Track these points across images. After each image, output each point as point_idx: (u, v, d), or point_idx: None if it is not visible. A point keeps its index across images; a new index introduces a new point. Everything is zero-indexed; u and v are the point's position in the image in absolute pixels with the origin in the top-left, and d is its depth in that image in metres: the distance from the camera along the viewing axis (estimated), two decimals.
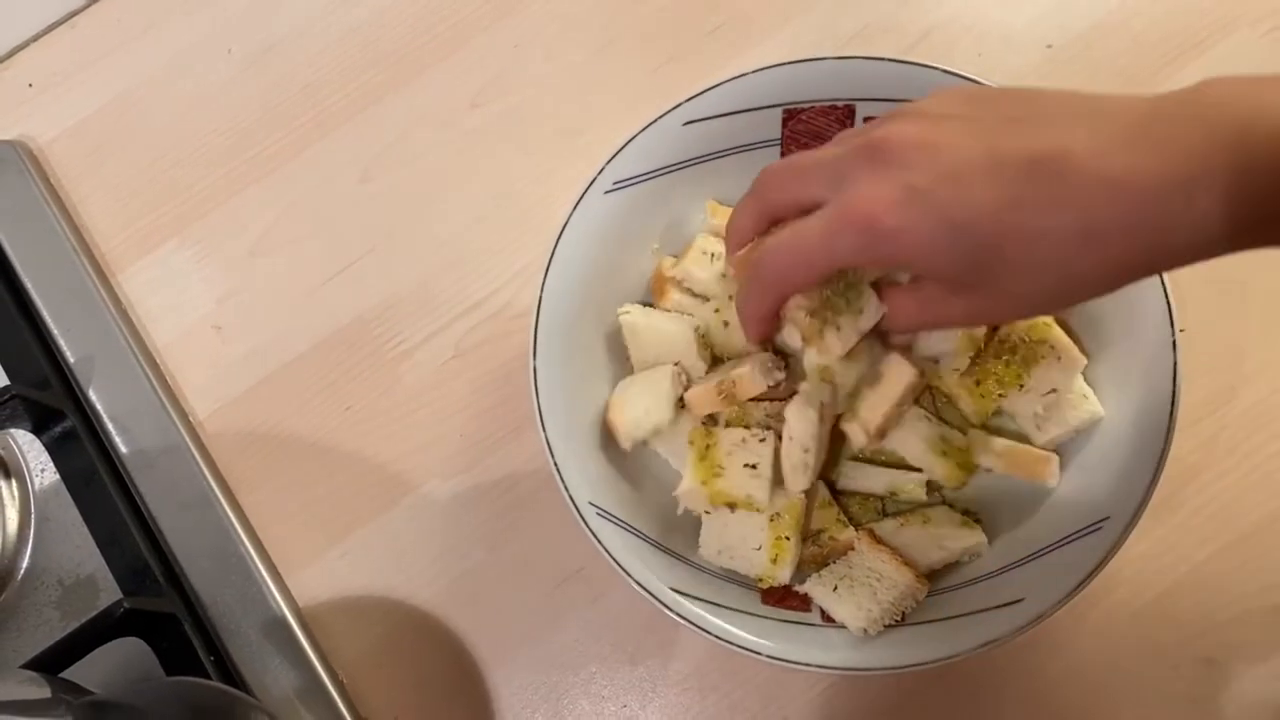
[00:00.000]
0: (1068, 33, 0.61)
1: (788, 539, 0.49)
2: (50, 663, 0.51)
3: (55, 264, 0.63)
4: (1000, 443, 0.51)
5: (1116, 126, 0.35)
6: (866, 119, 0.53)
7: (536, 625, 0.55)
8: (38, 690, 0.45)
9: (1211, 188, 0.33)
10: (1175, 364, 0.48)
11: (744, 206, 0.45)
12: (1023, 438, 0.51)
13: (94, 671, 0.53)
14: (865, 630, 0.48)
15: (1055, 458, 0.50)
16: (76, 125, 0.67)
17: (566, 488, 0.50)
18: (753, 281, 0.43)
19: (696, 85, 0.54)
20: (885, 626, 0.48)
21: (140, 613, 0.53)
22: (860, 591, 0.49)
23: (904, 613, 0.49)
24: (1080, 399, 0.50)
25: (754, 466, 0.49)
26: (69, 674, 0.51)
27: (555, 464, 0.50)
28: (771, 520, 0.50)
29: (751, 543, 0.50)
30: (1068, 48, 0.60)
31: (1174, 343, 0.49)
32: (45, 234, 0.64)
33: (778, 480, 0.50)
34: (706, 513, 0.51)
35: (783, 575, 0.50)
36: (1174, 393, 0.48)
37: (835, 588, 0.49)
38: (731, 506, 0.50)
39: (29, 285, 0.63)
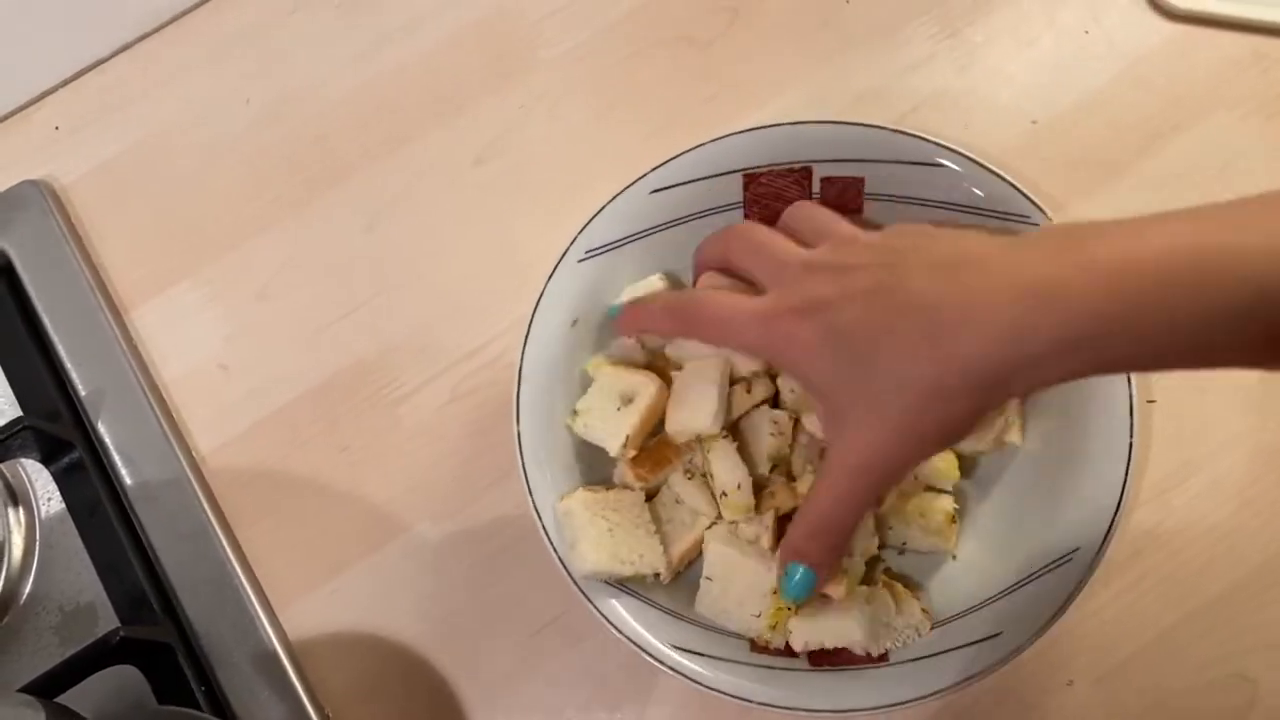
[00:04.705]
0: (1052, 109, 0.63)
1: (789, 609, 0.51)
2: (47, 687, 0.53)
3: (71, 299, 0.65)
4: None
5: (982, 251, 0.40)
6: (823, 179, 0.56)
7: (518, 668, 0.57)
8: (32, 714, 0.47)
9: (1061, 303, 0.37)
10: (1131, 396, 0.50)
11: (715, 240, 0.52)
12: None
13: (89, 697, 0.55)
14: (867, 650, 0.50)
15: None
16: (99, 167, 0.69)
17: (554, 547, 0.52)
18: (668, 309, 0.51)
19: (686, 148, 0.56)
20: (887, 649, 0.51)
21: (136, 641, 0.55)
22: (868, 616, 0.50)
23: (905, 642, 0.51)
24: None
25: None
26: (64, 699, 0.53)
27: (542, 525, 0.52)
28: (775, 591, 0.51)
29: (750, 609, 0.51)
30: (1052, 124, 0.62)
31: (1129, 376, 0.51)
32: (63, 270, 0.66)
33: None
34: (708, 579, 0.52)
35: (778, 641, 0.51)
36: (1132, 423, 0.50)
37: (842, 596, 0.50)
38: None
39: (45, 319, 0.65)
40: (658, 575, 0.52)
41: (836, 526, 0.44)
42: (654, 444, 0.54)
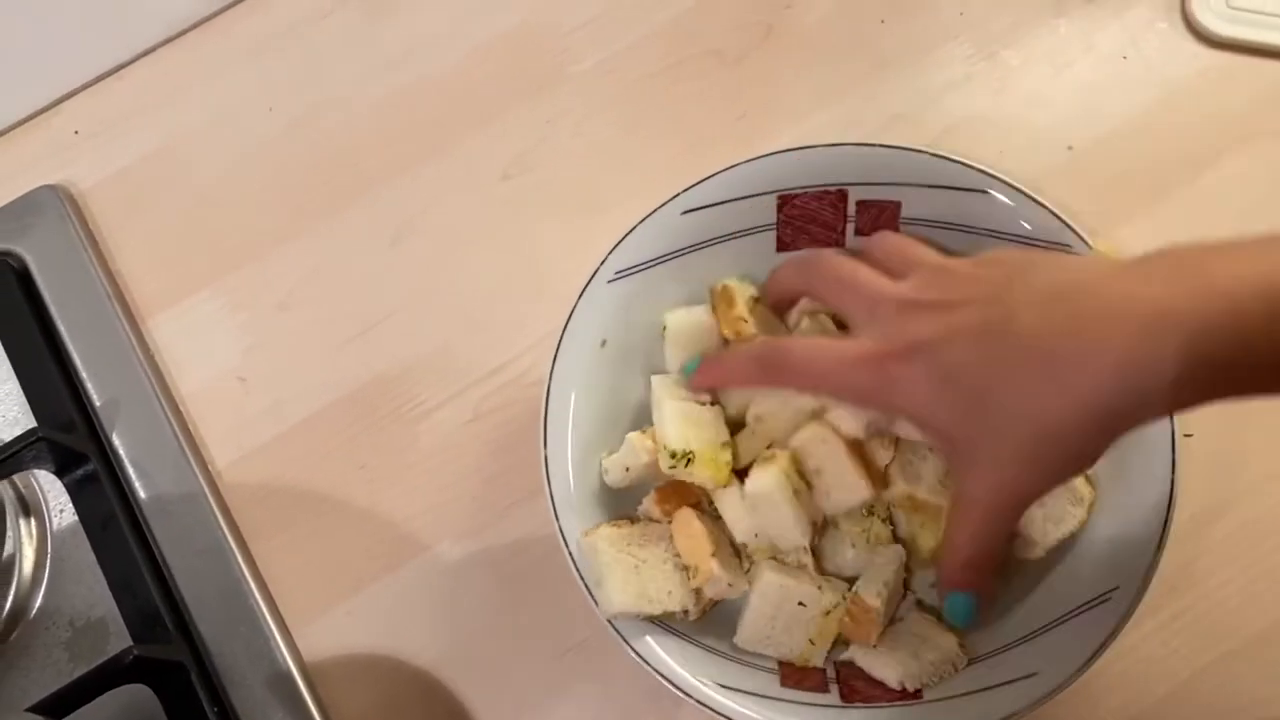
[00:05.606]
0: (1089, 136, 0.62)
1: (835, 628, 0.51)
2: (56, 707, 0.52)
3: (88, 307, 0.64)
4: None
5: (1091, 279, 0.39)
6: (859, 203, 0.55)
7: (538, 694, 0.56)
8: None
9: (1179, 332, 0.36)
10: (1173, 430, 0.49)
11: (793, 270, 0.51)
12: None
13: (98, 715, 0.53)
14: (903, 684, 0.49)
15: None
16: (118, 173, 0.68)
17: (580, 574, 0.50)
18: (755, 359, 0.48)
19: (719, 167, 0.55)
20: (922, 685, 0.50)
21: (148, 660, 0.54)
22: (902, 651, 0.50)
23: (941, 677, 0.50)
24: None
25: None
26: (73, 718, 0.52)
27: (569, 551, 0.51)
28: (825, 614, 0.51)
29: (799, 633, 0.51)
30: (1089, 151, 0.62)
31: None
32: (80, 277, 0.65)
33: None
34: (757, 608, 0.51)
35: (818, 659, 0.51)
36: (1173, 459, 0.49)
37: (874, 644, 0.50)
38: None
39: (61, 327, 0.64)
40: (686, 612, 0.51)
41: (984, 557, 0.44)
42: (680, 479, 0.52)
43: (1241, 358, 0.36)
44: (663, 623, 0.51)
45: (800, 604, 0.50)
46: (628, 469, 0.52)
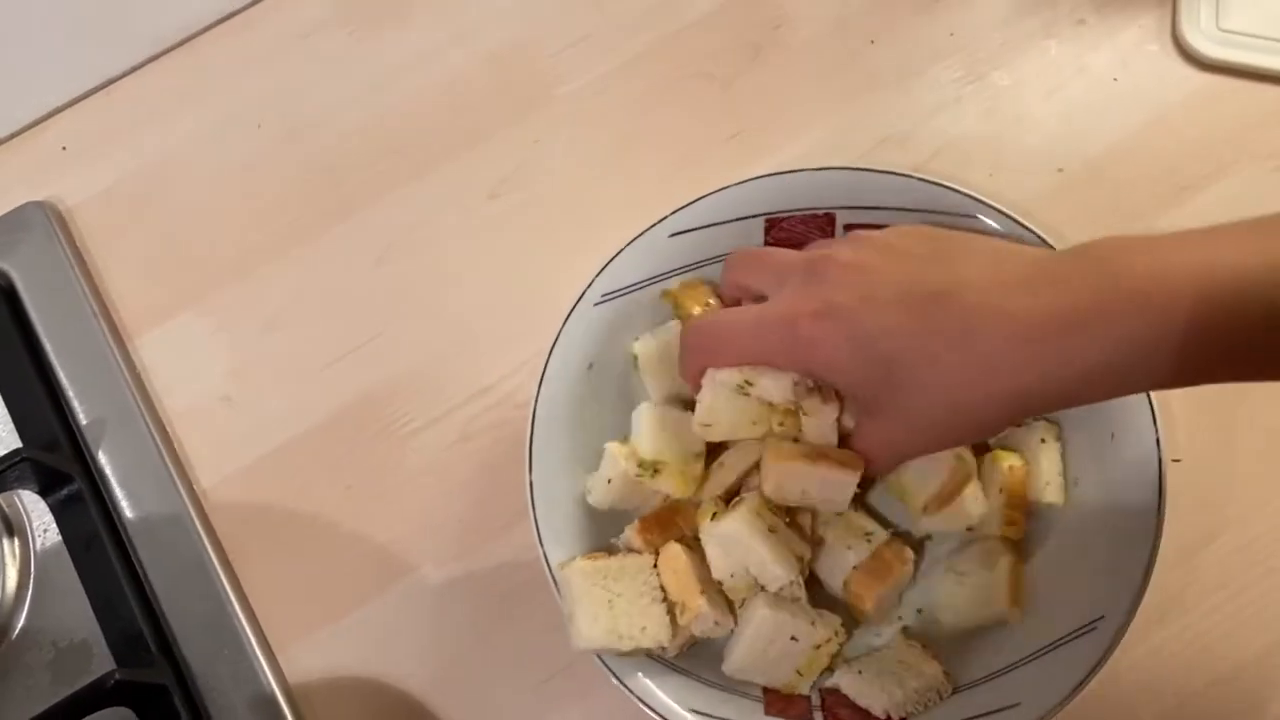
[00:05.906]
0: (1079, 158, 0.62)
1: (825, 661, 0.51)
2: None
3: (74, 325, 0.64)
4: None
5: (1014, 268, 0.41)
6: (846, 226, 0.55)
7: (524, 718, 0.55)
8: None
9: (1097, 326, 0.38)
10: (1161, 457, 0.49)
11: (723, 278, 0.52)
12: None
13: None
14: (888, 713, 0.49)
15: None
16: (105, 190, 0.68)
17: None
18: (685, 344, 0.49)
19: (708, 189, 0.55)
20: (906, 714, 0.49)
21: (131, 683, 0.54)
22: (886, 679, 0.50)
23: (925, 706, 0.49)
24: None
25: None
26: None
27: (552, 576, 0.51)
28: (816, 648, 0.50)
29: (789, 664, 0.50)
30: (1078, 173, 0.61)
31: (1158, 440, 0.50)
32: (66, 295, 0.65)
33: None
34: (749, 641, 0.50)
35: (804, 687, 0.51)
36: (1161, 485, 0.49)
37: (860, 671, 0.50)
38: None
39: (47, 345, 0.64)
40: (663, 649, 0.50)
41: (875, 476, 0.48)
42: (663, 510, 0.52)
43: (1150, 355, 0.38)
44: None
45: (793, 638, 0.49)
46: (609, 481, 0.51)
